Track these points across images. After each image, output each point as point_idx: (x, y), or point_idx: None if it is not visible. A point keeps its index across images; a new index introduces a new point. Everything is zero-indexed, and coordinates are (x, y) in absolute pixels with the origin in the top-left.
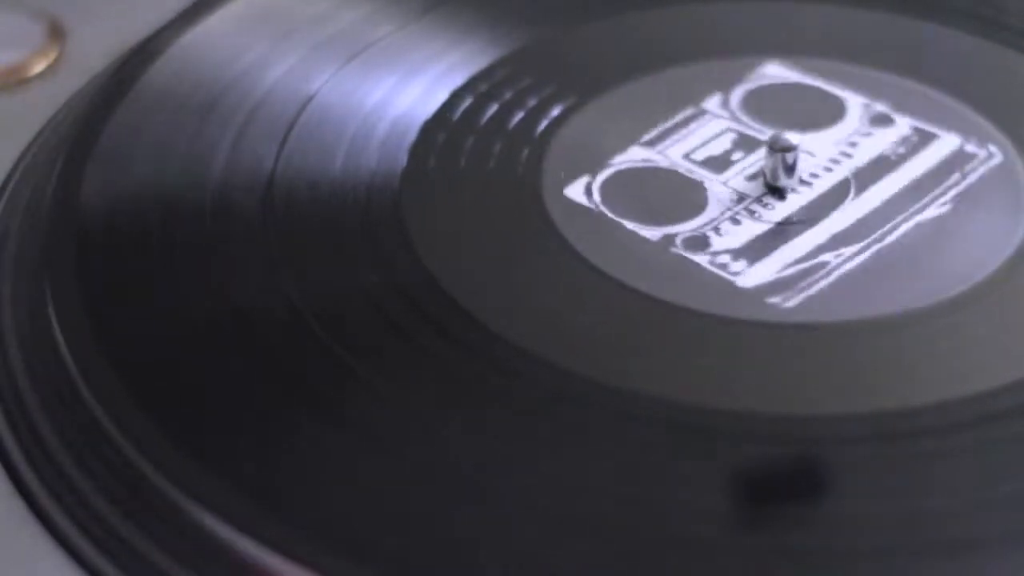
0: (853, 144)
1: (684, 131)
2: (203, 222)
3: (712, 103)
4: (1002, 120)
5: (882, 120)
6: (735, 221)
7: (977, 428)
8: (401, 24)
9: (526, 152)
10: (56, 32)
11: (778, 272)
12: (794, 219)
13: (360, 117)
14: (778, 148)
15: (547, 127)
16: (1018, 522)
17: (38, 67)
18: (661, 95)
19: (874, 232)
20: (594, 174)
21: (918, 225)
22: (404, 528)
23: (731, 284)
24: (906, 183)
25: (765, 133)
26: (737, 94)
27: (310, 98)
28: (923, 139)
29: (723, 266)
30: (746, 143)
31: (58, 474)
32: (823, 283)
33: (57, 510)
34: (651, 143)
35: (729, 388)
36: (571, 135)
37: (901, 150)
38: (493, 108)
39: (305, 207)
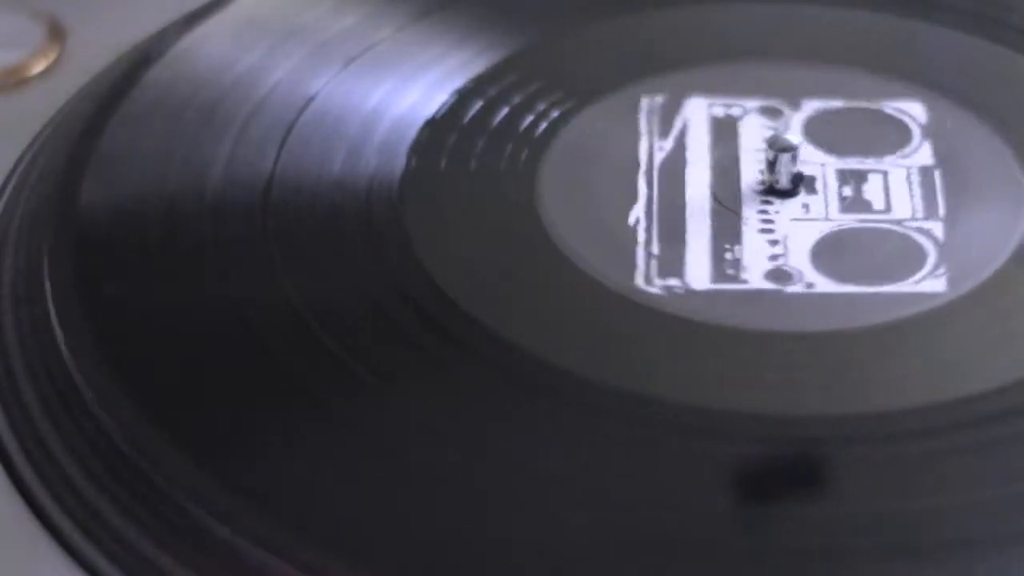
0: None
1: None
2: (203, 223)
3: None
4: (1002, 120)
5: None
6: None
7: (976, 428)
8: (400, 26)
9: (526, 153)
10: (56, 32)
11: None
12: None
13: (359, 119)
14: (778, 148)
15: (547, 128)
16: (1017, 523)
17: (38, 67)
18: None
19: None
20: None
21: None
22: (404, 528)
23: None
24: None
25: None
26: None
27: (310, 100)
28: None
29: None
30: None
31: (58, 474)
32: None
33: (57, 510)
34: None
35: (729, 388)
36: (571, 137)
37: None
38: (492, 110)
39: (305, 209)
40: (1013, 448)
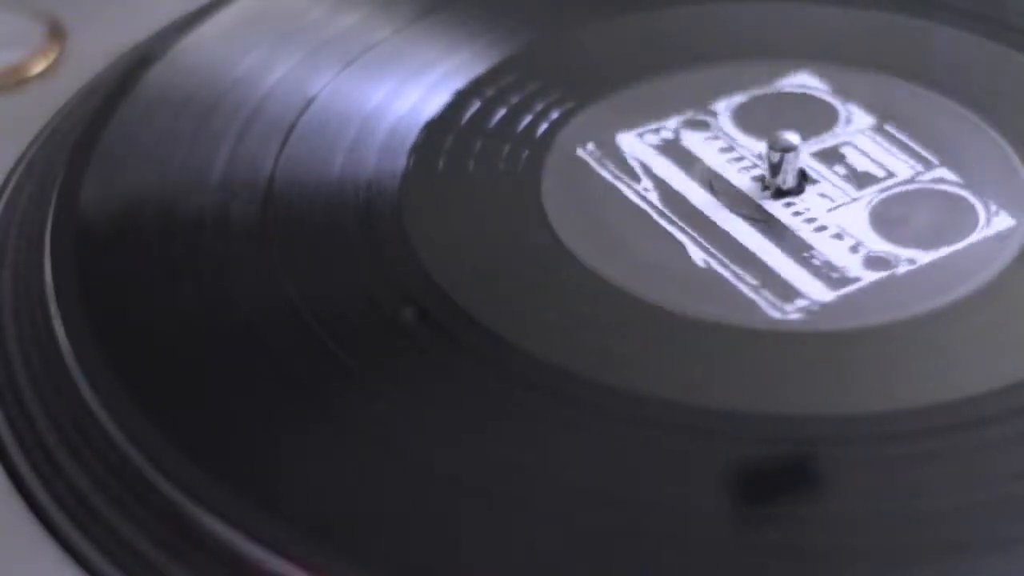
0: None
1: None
2: (203, 223)
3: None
4: (1002, 120)
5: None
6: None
7: (976, 429)
8: (401, 27)
9: (526, 154)
10: (56, 32)
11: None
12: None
13: (360, 120)
14: (778, 148)
15: (548, 129)
16: (1015, 523)
17: (38, 67)
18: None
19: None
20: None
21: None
22: (404, 528)
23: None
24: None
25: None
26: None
27: (310, 101)
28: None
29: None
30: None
31: (58, 474)
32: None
33: (57, 510)
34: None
35: (728, 388)
36: (572, 137)
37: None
38: (493, 110)
39: (305, 209)
40: (1013, 448)
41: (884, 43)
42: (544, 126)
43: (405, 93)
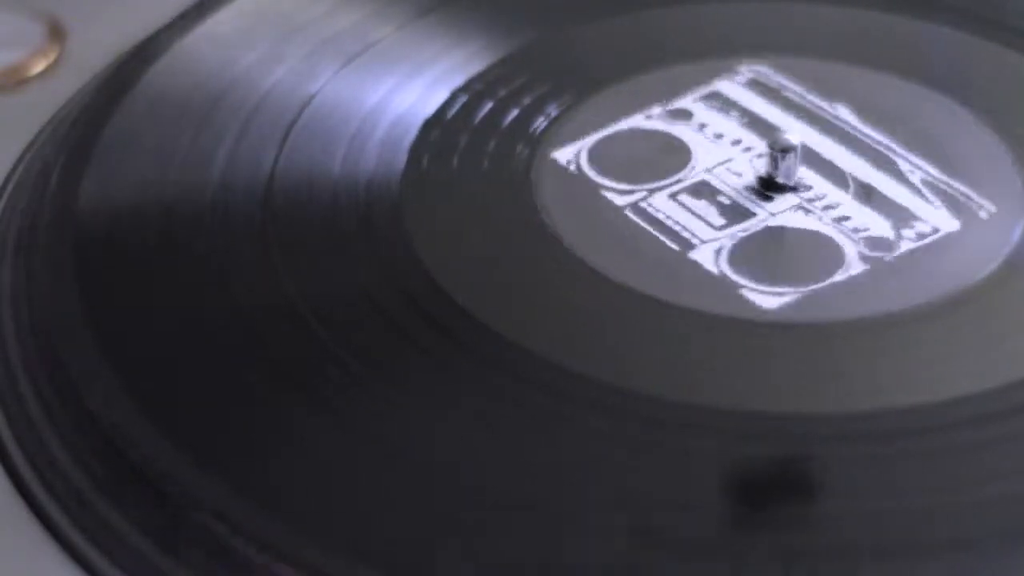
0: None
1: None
2: (203, 222)
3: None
4: (1001, 120)
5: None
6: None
7: (976, 428)
8: (401, 24)
9: (525, 152)
10: (56, 32)
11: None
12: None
13: (360, 117)
14: (778, 148)
15: (546, 127)
16: (1016, 522)
17: (38, 67)
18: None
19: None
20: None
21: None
22: (404, 526)
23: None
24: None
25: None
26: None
27: (310, 98)
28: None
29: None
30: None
31: (58, 474)
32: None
33: (57, 510)
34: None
35: (728, 387)
36: (571, 135)
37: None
38: (492, 108)
39: (305, 207)
40: (1011, 448)
41: (882, 43)
42: (543, 124)
43: (404, 91)
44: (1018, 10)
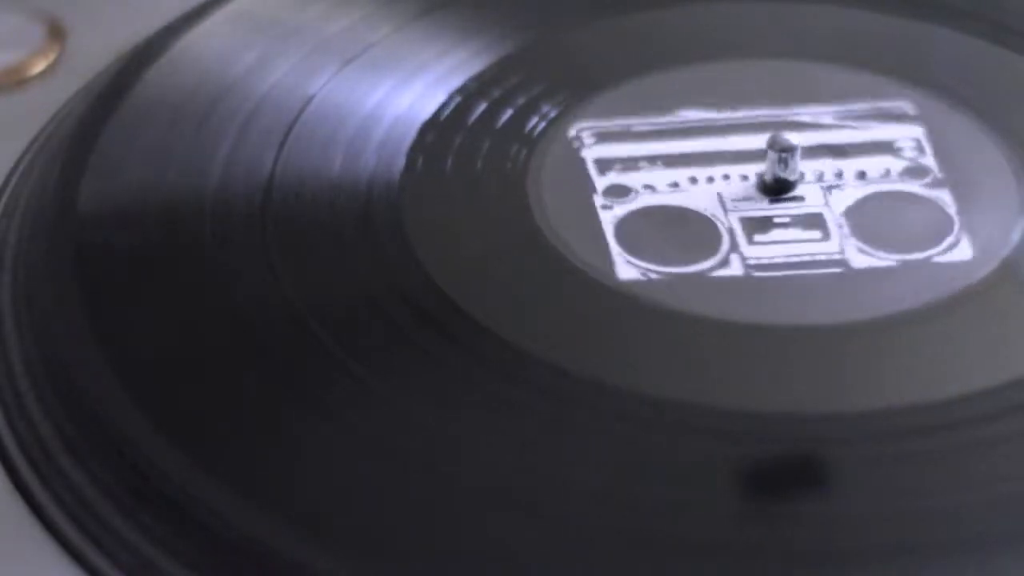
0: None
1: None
2: (203, 223)
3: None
4: (1000, 121)
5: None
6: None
7: (976, 427)
8: (399, 26)
9: (524, 153)
10: (56, 32)
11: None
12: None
13: (359, 119)
14: (777, 148)
15: (546, 128)
16: (1018, 522)
17: (38, 67)
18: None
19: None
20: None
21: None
22: (404, 528)
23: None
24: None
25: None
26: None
27: (309, 100)
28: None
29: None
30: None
31: (58, 474)
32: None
33: (57, 510)
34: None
35: (728, 387)
36: (571, 136)
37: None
38: (490, 109)
39: (304, 208)
40: (1013, 447)
41: (882, 45)
42: (543, 125)
43: (404, 92)
44: (1018, 10)
